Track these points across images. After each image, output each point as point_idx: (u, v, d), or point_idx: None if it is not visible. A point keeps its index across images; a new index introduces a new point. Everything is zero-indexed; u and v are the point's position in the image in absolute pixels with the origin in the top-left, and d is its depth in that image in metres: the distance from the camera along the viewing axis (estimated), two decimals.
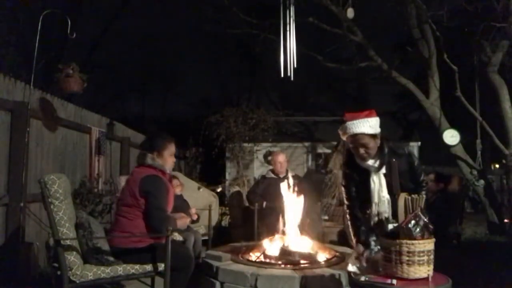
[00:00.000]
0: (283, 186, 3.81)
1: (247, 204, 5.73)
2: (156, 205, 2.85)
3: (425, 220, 2.20)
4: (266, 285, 2.96)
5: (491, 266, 4.29)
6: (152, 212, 2.85)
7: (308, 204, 3.90)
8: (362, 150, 2.67)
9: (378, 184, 2.70)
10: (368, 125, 2.63)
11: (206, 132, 9.37)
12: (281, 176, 5.22)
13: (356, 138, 2.65)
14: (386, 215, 2.60)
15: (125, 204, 2.95)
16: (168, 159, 3.06)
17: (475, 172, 7.31)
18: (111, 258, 2.87)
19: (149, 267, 2.96)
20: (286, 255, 3.36)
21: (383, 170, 2.69)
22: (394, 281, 2.14)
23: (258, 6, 9.89)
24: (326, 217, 6.56)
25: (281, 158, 5.23)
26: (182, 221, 3.19)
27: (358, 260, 2.56)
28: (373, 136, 2.65)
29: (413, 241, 2.14)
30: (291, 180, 3.83)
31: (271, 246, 3.52)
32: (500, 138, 7.09)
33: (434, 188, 4.58)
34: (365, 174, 2.73)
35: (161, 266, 2.95)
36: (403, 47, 8.81)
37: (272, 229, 3.79)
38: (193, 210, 4.28)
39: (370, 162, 2.70)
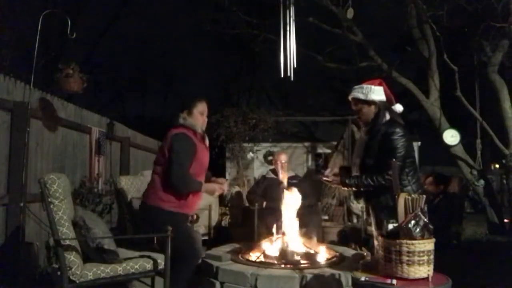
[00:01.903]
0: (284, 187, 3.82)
1: (247, 204, 5.73)
2: (176, 161, 2.81)
3: (425, 220, 2.20)
4: (266, 285, 2.96)
5: (491, 266, 4.29)
6: (171, 167, 2.81)
7: (308, 204, 3.91)
8: (356, 115, 2.92)
9: (357, 148, 2.95)
10: (361, 91, 2.83)
11: (206, 132, 9.35)
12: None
13: (352, 101, 2.91)
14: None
15: (158, 162, 2.99)
16: (198, 117, 3.03)
17: (475, 172, 7.31)
18: (111, 255, 2.87)
19: (149, 266, 2.97)
20: (286, 255, 3.36)
21: (364, 138, 2.86)
22: (394, 281, 2.14)
23: (258, 6, 9.90)
24: (326, 217, 6.56)
25: (283, 158, 5.23)
26: (211, 186, 3.07)
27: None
28: (366, 102, 2.81)
29: (413, 241, 2.14)
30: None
31: (271, 246, 3.52)
32: (500, 138, 7.09)
33: (434, 190, 4.58)
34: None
35: (161, 265, 2.96)
36: (403, 47, 8.81)
37: (272, 229, 3.79)
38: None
39: (364, 127, 2.92)
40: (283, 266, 3.20)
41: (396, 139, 2.68)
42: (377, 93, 2.80)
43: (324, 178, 2.97)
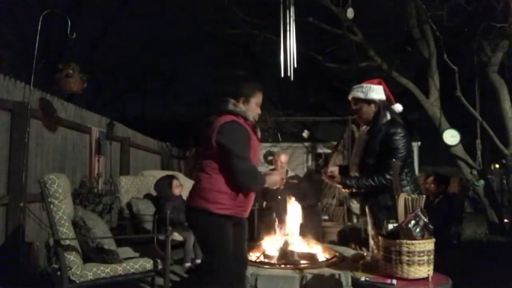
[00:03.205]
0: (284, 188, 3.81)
1: None
2: (236, 154, 2.41)
3: (425, 220, 2.20)
4: (266, 285, 2.96)
5: (491, 266, 4.29)
6: (232, 163, 2.40)
7: (308, 204, 3.91)
8: (356, 114, 2.91)
9: (356, 147, 2.93)
10: (360, 90, 2.83)
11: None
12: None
13: (352, 101, 2.90)
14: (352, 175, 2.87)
15: (202, 156, 2.57)
16: (254, 107, 2.65)
17: (475, 172, 7.31)
18: (111, 255, 2.87)
19: (149, 266, 2.97)
20: (286, 255, 3.36)
21: (364, 137, 2.85)
22: (394, 281, 2.14)
23: (258, 6, 9.90)
24: (326, 217, 6.56)
25: (283, 158, 5.23)
26: (273, 178, 2.67)
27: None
28: (365, 101, 2.81)
29: (413, 241, 2.14)
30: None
31: (271, 246, 3.52)
32: (500, 138, 7.08)
33: (435, 190, 4.58)
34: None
35: (161, 265, 2.95)
36: (403, 47, 8.80)
37: (272, 229, 3.79)
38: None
39: (364, 127, 2.90)
40: (283, 266, 3.20)
41: (398, 139, 2.68)
42: (376, 92, 2.80)
43: (327, 177, 2.93)
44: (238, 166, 2.40)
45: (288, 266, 3.19)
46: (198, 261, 4.29)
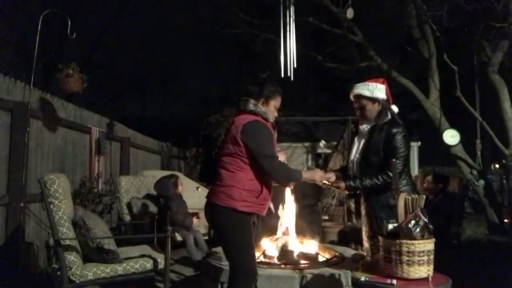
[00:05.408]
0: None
1: None
2: (265, 153, 2.48)
3: (425, 220, 2.20)
4: (266, 285, 2.95)
5: (491, 266, 4.29)
6: (262, 162, 2.48)
7: (308, 204, 3.90)
8: (358, 112, 2.89)
9: (357, 145, 2.91)
10: (366, 88, 2.83)
11: (206, 132, 9.36)
12: None
13: (355, 98, 2.89)
14: (351, 174, 2.87)
15: (225, 153, 2.57)
16: (272, 110, 2.70)
17: (475, 172, 7.31)
18: (111, 255, 2.87)
19: (149, 266, 2.97)
20: (286, 255, 3.36)
21: (365, 135, 2.84)
22: (394, 281, 2.14)
23: (258, 6, 9.90)
24: (326, 217, 6.56)
25: (281, 157, 5.22)
26: (310, 173, 2.81)
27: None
28: (371, 99, 2.82)
29: (413, 241, 2.14)
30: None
31: (271, 246, 3.52)
32: (500, 138, 7.08)
33: (433, 188, 4.58)
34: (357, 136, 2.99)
35: (161, 265, 2.95)
36: (403, 47, 8.81)
37: (272, 230, 3.79)
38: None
39: (364, 125, 2.88)
40: (283, 266, 3.20)
41: (400, 139, 2.70)
42: (381, 91, 2.82)
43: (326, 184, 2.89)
44: (270, 165, 2.48)
45: (288, 266, 3.19)
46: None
